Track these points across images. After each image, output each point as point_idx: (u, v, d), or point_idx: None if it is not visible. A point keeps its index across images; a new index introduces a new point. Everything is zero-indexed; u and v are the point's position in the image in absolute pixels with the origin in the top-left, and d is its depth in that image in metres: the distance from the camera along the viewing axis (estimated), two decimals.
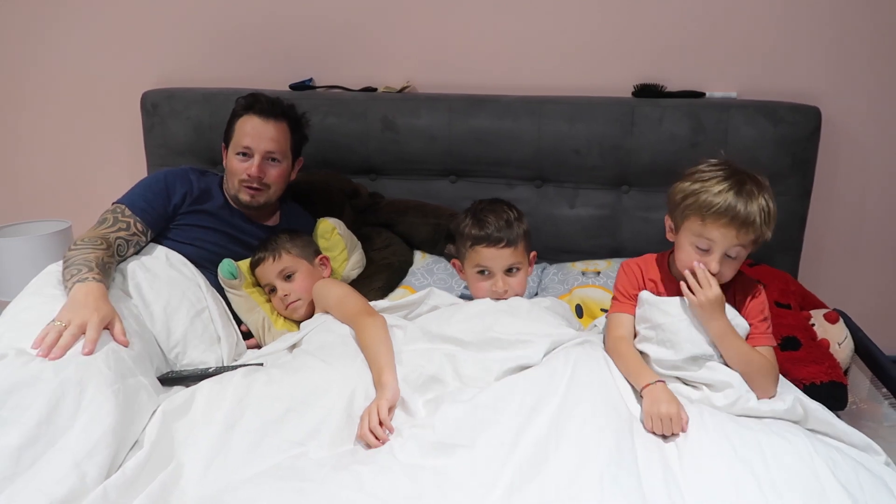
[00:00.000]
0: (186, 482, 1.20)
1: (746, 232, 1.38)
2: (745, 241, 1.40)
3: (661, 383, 1.37)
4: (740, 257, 1.42)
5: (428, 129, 2.23)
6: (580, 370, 1.41)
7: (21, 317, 1.47)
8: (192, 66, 2.45)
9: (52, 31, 2.48)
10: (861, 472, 1.22)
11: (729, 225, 1.37)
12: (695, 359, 1.42)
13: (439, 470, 1.20)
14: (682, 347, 1.42)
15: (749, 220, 1.37)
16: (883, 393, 1.73)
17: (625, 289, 1.56)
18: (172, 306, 1.66)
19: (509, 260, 1.67)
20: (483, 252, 1.66)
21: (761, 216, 1.38)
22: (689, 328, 1.43)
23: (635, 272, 1.56)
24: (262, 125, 1.85)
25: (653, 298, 1.49)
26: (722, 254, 1.40)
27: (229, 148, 1.89)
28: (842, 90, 2.19)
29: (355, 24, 2.35)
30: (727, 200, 1.37)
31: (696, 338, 1.42)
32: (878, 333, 1.89)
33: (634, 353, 1.47)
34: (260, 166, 1.84)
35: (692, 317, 1.43)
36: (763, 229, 1.39)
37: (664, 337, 1.44)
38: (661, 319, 1.45)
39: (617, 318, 1.55)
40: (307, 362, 1.52)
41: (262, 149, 1.84)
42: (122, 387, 1.32)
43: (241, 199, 1.87)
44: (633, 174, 2.20)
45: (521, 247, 1.70)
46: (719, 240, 1.39)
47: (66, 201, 2.65)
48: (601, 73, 2.28)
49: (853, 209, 2.31)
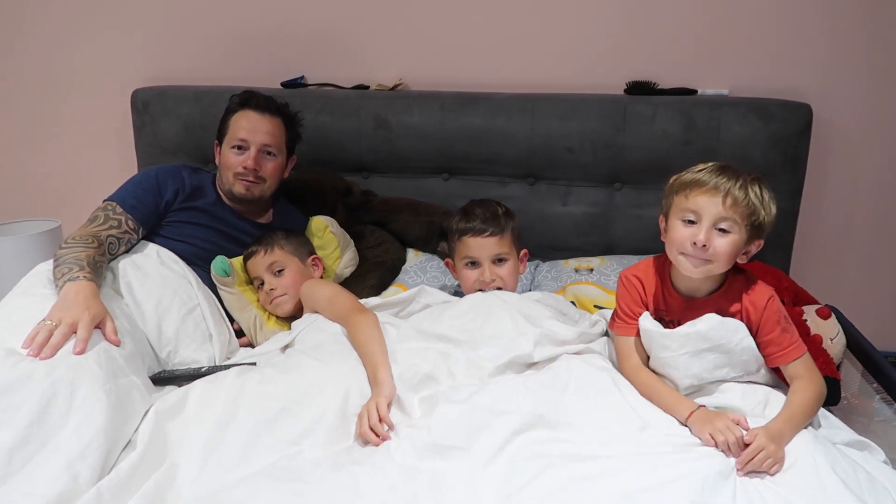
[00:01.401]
0: (181, 482, 1.19)
1: (735, 204, 1.33)
2: (736, 214, 1.33)
3: (703, 408, 1.34)
4: (735, 237, 1.35)
5: (420, 126, 2.23)
6: (581, 378, 1.42)
7: (11, 317, 1.46)
8: (183, 63, 2.43)
9: (40, 29, 2.46)
10: (860, 470, 1.22)
11: (713, 193, 1.34)
12: (698, 387, 1.41)
13: (435, 472, 1.20)
14: (682, 382, 1.41)
15: (735, 193, 1.33)
16: (875, 388, 1.73)
17: (628, 307, 1.51)
18: (164, 305, 1.65)
19: (495, 249, 1.72)
20: (469, 242, 1.72)
21: (754, 194, 1.34)
22: (690, 362, 1.40)
23: (636, 286, 1.51)
24: (258, 119, 1.86)
25: (653, 330, 1.45)
26: (710, 225, 1.34)
27: (223, 143, 1.88)
28: (833, 87, 2.21)
29: (347, 22, 2.34)
30: (711, 175, 1.36)
31: (697, 372, 1.40)
32: (869, 328, 1.89)
33: (660, 382, 1.43)
34: (256, 158, 1.84)
35: (693, 349, 1.40)
36: (760, 210, 1.34)
37: (664, 371, 1.44)
38: (661, 353, 1.43)
39: (626, 345, 1.50)
40: (301, 361, 1.51)
41: (259, 141, 1.85)
42: (114, 386, 1.31)
43: (236, 191, 1.87)
44: (625, 171, 2.20)
45: (508, 238, 1.74)
46: (704, 207, 1.34)
47: (55, 200, 2.63)
48: (593, 71, 2.28)
49: (844, 205, 2.32)
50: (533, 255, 2.28)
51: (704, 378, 1.42)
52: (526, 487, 1.16)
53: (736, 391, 1.40)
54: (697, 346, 1.40)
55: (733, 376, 1.43)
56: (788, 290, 1.87)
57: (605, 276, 2.04)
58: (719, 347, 1.40)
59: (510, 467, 1.20)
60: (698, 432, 1.29)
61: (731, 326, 1.40)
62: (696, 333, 1.40)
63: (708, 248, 1.35)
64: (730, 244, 1.36)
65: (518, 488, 1.16)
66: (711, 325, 1.40)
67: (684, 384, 1.42)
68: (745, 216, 1.35)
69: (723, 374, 1.42)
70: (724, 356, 1.41)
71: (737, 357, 1.41)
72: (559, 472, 1.18)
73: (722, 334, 1.39)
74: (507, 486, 1.16)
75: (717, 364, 1.41)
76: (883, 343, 2.05)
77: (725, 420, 1.27)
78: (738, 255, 1.40)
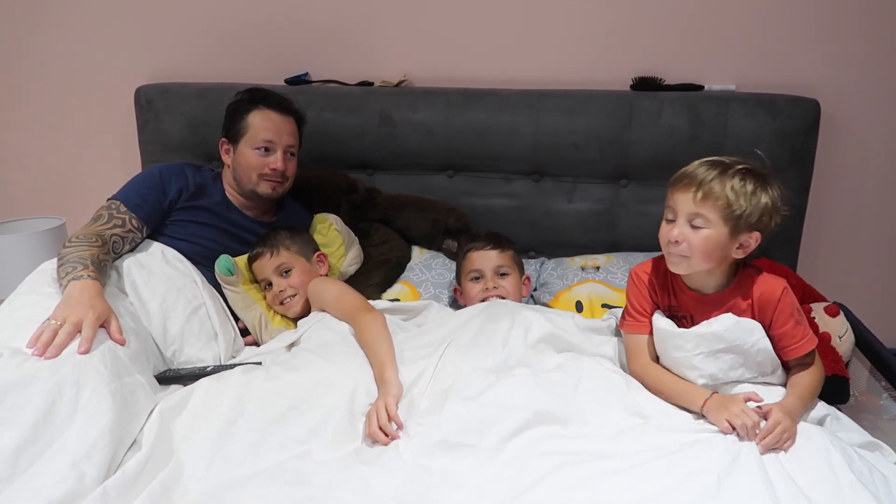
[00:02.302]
0: (188, 480, 1.18)
1: (706, 198, 1.32)
2: (705, 208, 1.32)
3: (716, 394, 1.35)
4: (710, 232, 1.33)
5: (425, 123, 2.21)
6: (591, 377, 1.43)
7: (15, 315, 1.45)
8: (187, 60, 2.42)
9: (44, 26, 2.45)
10: (875, 471, 1.22)
11: (687, 189, 1.34)
12: (713, 388, 1.40)
13: (445, 469, 1.20)
14: (697, 382, 1.41)
15: (707, 187, 1.32)
16: (883, 385, 1.72)
17: (639, 304, 1.51)
18: (169, 303, 1.65)
19: (497, 261, 1.84)
20: (473, 256, 1.86)
21: (730, 187, 1.31)
22: (705, 362, 1.40)
23: (646, 283, 1.51)
24: (281, 120, 1.86)
25: (667, 330, 1.44)
26: (684, 221, 1.35)
27: (240, 142, 1.86)
28: (841, 83, 2.19)
29: (351, 18, 2.33)
30: (694, 169, 1.36)
31: (713, 373, 1.40)
32: (877, 326, 1.88)
33: (671, 375, 1.44)
34: (283, 160, 1.85)
35: (707, 350, 1.39)
36: (737, 203, 1.31)
37: (679, 371, 1.44)
38: (675, 353, 1.43)
39: (636, 343, 1.51)
40: (308, 359, 1.51)
41: (284, 143, 1.86)
42: (119, 386, 1.31)
43: (261, 191, 1.86)
44: (631, 168, 2.19)
45: (510, 255, 1.88)
46: (679, 203, 1.35)
47: (59, 198, 2.62)
48: (599, 67, 2.27)
49: (852, 202, 2.30)
50: (538, 253, 2.28)
51: (719, 378, 1.41)
52: (537, 485, 1.15)
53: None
54: (713, 346, 1.39)
55: (748, 377, 1.42)
56: (796, 288, 1.86)
57: (612, 274, 2.03)
58: (735, 348, 1.39)
59: (521, 464, 1.20)
60: (715, 419, 1.30)
61: (748, 327, 1.39)
62: (712, 334, 1.39)
63: (681, 244, 1.35)
64: (703, 240, 1.35)
65: (529, 487, 1.15)
66: (727, 326, 1.38)
67: (699, 385, 1.41)
68: (719, 210, 1.33)
69: (737, 375, 1.41)
70: (740, 357, 1.40)
71: (752, 358, 1.40)
72: (571, 469, 1.18)
73: (737, 335, 1.38)
74: (519, 484, 1.16)
75: (732, 365, 1.41)
76: (891, 340, 2.03)
77: (740, 404, 1.29)
78: (726, 250, 1.37)
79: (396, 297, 2.00)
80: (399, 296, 2.01)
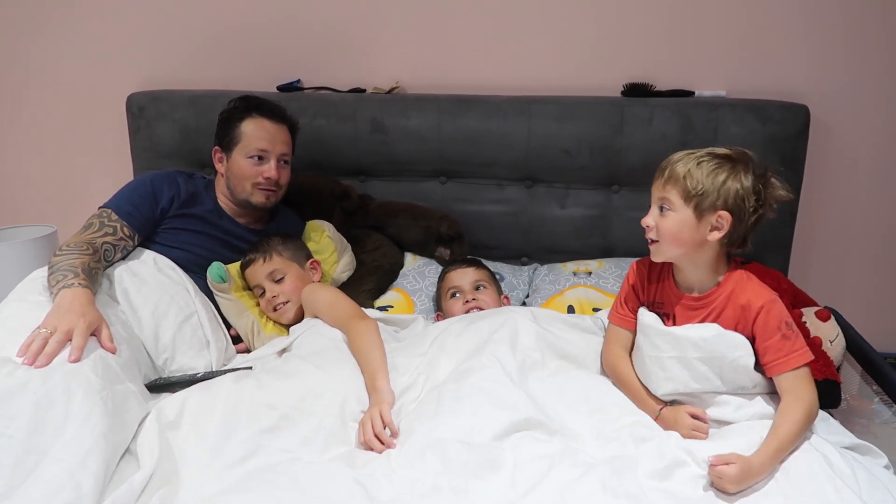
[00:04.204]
0: (185, 494, 1.17)
1: (669, 181, 1.35)
2: (669, 192, 1.34)
3: (663, 409, 1.38)
4: (676, 216, 1.34)
5: (417, 130, 2.22)
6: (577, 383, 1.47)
7: (6, 324, 1.44)
8: (179, 67, 2.42)
9: (34, 34, 2.45)
10: (859, 470, 1.22)
11: (659, 176, 1.38)
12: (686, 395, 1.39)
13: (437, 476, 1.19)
14: (660, 386, 1.40)
15: (670, 170, 1.35)
16: (874, 389, 1.73)
17: (630, 297, 1.53)
18: (160, 311, 1.64)
19: (474, 276, 1.90)
20: (451, 275, 1.92)
21: (690, 171, 1.32)
22: (675, 367, 1.37)
23: (641, 276, 1.51)
24: (275, 128, 1.85)
25: (651, 326, 1.43)
26: (655, 207, 1.39)
27: (234, 150, 1.85)
28: (830, 88, 2.20)
29: (343, 25, 2.33)
30: (669, 157, 1.39)
31: (683, 379, 1.37)
32: (868, 330, 1.89)
33: (633, 379, 1.45)
34: (277, 168, 1.84)
35: (680, 355, 1.36)
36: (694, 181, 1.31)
37: (645, 370, 1.44)
38: (650, 352, 1.42)
39: (616, 332, 1.54)
40: (300, 367, 1.50)
41: (278, 151, 1.85)
42: (111, 394, 1.30)
43: (255, 201, 1.86)
44: (623, 174, 2.19)
45: (485, 272, 1.94)
46: (653, 192, 1.39)
47: (50, 206, 2.61)
48: (590, 73, 2.28)
49: (842, 207, 2.32)
50: (531, 259, 2.28)
51: (690, 387, 1.36)
52: (532, 492, 1.16)
53: (731, 404, 1.35)
54: (687, 352, 1.36)
55: (724, 391, 1.36)
56: (787, 292, 1.87)
57: (604, 279, 2.03)
58: (711, 360, 1.35)
59: (515, 470, 1.20)
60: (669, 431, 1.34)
61: (732, 342, 1.34)
62: (688, 339, 1.36)
63: (651, 229, 1.38)
64: (671, 223, 1.36)
65: (522, 494, 1.16)
66: (704, 336, 1.35)
67: (663, 389, 1.39)
68: (679, 190, 1.34)
69: (709, 387, 1.36)
70: (714, 370, 1.35)
71: (728, 374, 1.35)
72: (563, 474, 1.19)
73: (715, 346, 1.34)
74: (512, 491, 1.16)
75: (706, 376, 1.35)
76: (882, 344, 2.05)
77: (686, 424, 1.32)
78: (696, 233, 1.34)
79: (390, 305, 2.00)
80: (393, 303, 2.01)
